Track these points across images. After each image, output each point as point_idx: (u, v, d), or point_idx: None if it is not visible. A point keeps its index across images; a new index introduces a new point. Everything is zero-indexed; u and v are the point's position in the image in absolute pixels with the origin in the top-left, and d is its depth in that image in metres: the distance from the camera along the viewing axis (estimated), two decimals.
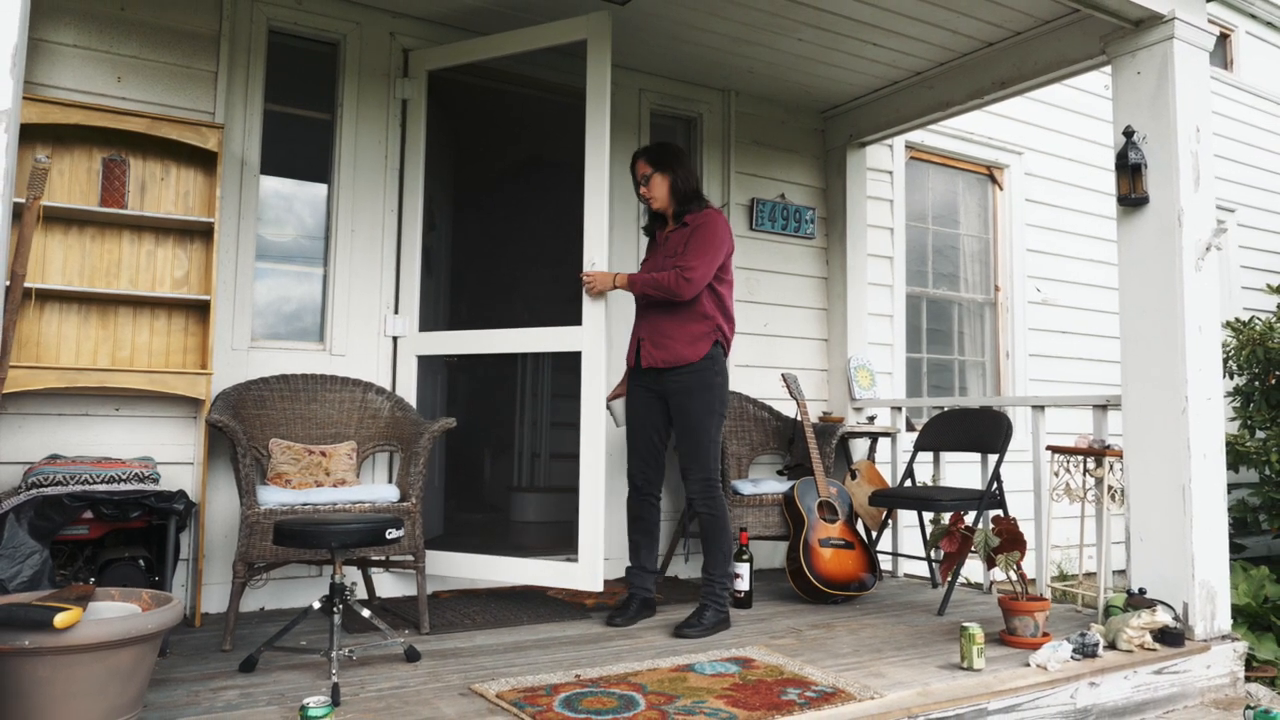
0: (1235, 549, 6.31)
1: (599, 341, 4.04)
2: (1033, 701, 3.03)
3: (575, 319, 4.11)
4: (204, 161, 3.85)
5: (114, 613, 2.33)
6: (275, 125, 4.15)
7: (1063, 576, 5.55)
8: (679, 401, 3.73)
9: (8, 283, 1.73)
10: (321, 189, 4.31)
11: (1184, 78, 3.73)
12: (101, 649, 2.12)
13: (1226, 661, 3.63)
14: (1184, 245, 3.68)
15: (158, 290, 3.77)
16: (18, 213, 2.56)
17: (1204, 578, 3.65)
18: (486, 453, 6.12)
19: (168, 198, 3.82)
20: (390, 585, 4.16)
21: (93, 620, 2.14)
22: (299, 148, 4.31)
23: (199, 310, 3.83)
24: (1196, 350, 3.68)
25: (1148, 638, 3.44)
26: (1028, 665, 3.20)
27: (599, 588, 3.87)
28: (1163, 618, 3.45)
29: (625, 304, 4.67)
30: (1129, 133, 3.80)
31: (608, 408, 4.01)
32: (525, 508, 5.90)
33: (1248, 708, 3.35)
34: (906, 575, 5.02)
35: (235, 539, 3.84)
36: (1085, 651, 3.30)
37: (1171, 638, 3.49)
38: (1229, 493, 6.14)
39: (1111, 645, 3.44)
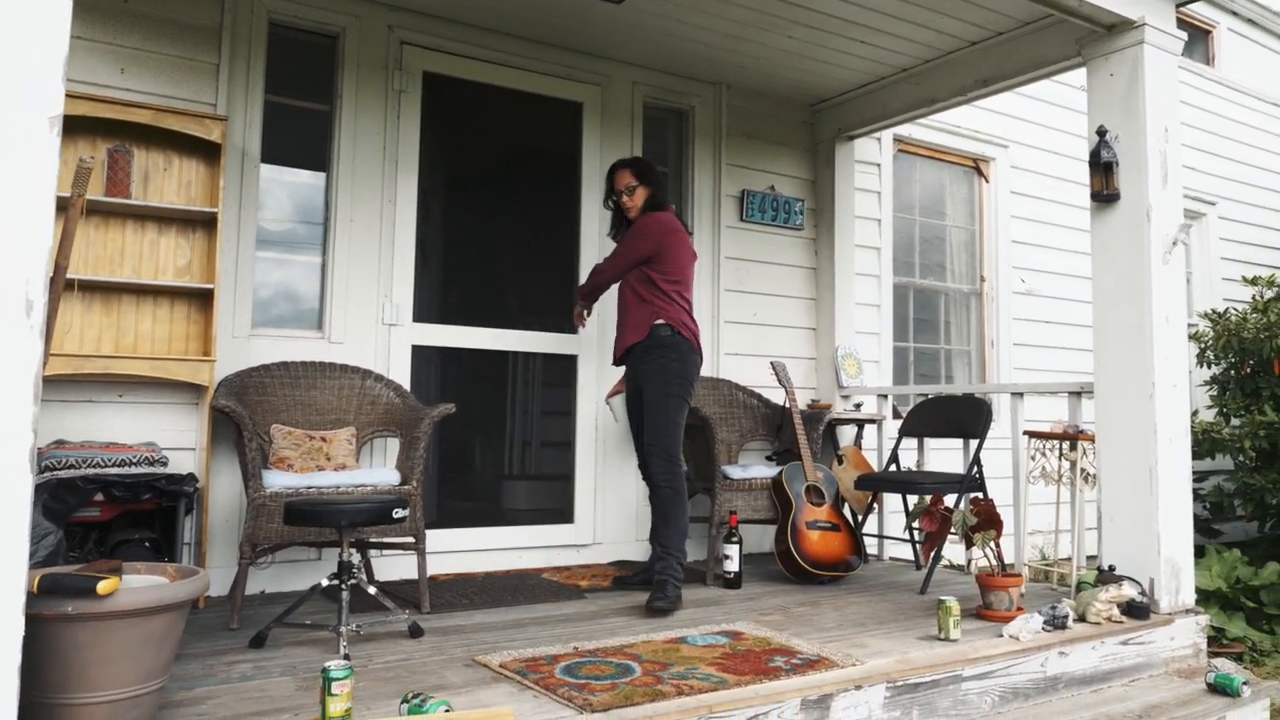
0: (1212, 533, 6.64)
1: (593, 346, 4.36)
2: (1005, 669, 3.30)
3: (564, 314, 4.40)
4: (206, 152, 4.06)
5: (143, 584, 2.55)
6: (275, 116, 4.36)
7: (1043, 559, 5.84)
8: (641, 384, 4.13)
9: (52, 273, 1.95)
10: (321, 179, 4.53)
11: (1153, 80, 4.01)
12: (137, 615, 2.34)
13: (1190, 633, 3.91)
14: (1152, 239, 3.95)
15: (160, 279, 3.98)
16: (61, 207, 2.77)
17: (1169, 554, 3.93)
18: (477, 441, 6.35)
19: (170, 188, 4.03)
20: (388, 569, 4.39)
21: (130, 588, 2.37)
22: (299, 138, 4.53)
23: (200, 298, 4.04)
24: (1164, 339, 3.96)
25: (1115, 611, 3.72)
26: (1001, 636, 3.47)
27: (590, 541, 4.17)
28: (1129, 591, 3.74)
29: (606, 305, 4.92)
30: (1102, 132, 4.06)
31: (608, 404, 4.41)
32: (516, 495, 6.15)
33: (1208, 673, 3.64)
34: (891, 558, 5.29)
35: (236, 523, 4.07)
36: (1056, 623, 3.58)
37: (1138, 611, 3.77)
38: (1206, 479, 6.48)
39: (1081, 618, 3.72)
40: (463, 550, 4.60)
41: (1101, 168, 4.04)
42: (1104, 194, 4.04)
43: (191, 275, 4.04)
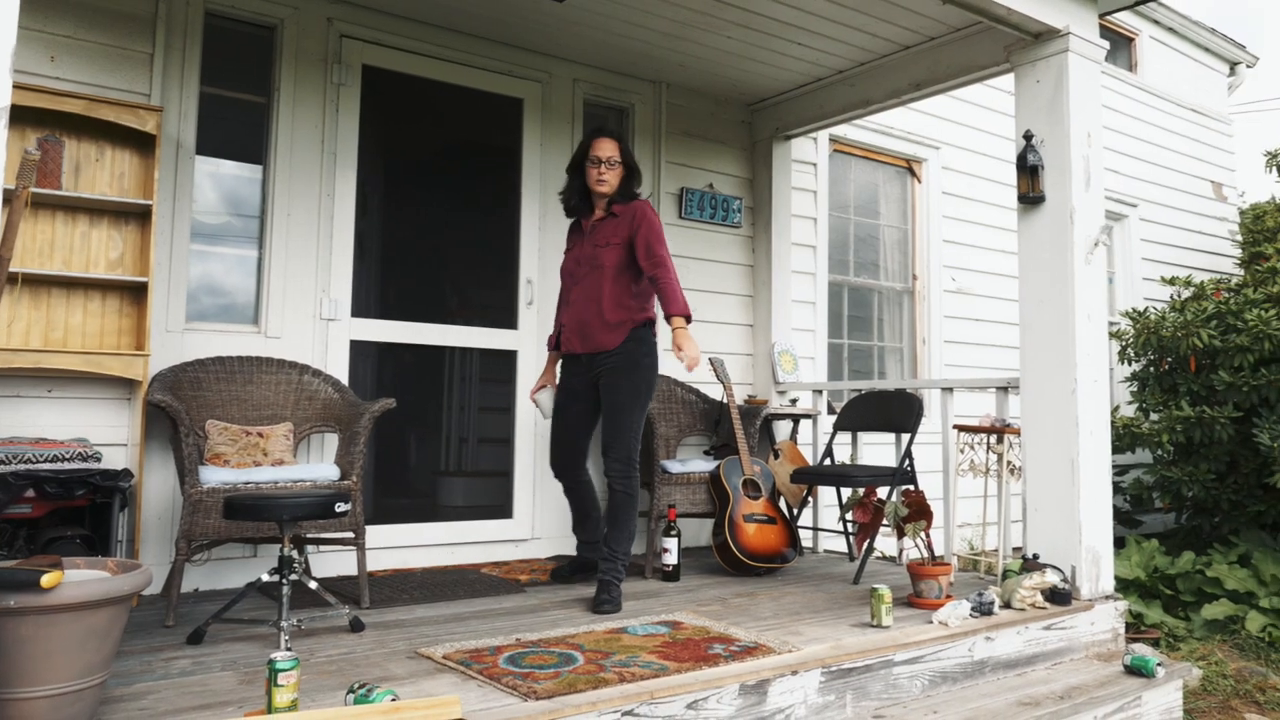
0: (1133, 524, 6.94)
1: (532, 342, 4.42)
2: (934, 654, 3.46)
3: (503, 309, 4.45)
4: (140, 143, 4.03)
5: (85, 578, 2.56)
6: (211, 108, 4.35)
7: (971, 549, 6.05)
8: (609, 380, 4.00)
9: None
10: (257, 172, 4.53)
11: (1078, 87, 4.21)
12: (81, 609, 2.36)
13: (1109, 619, 4.13)
14: (1076, 240, 4.15)
15: (92, 272, 3.94)
16: (7, 199, 2.76)
17: (1090, 543, 4.13)
18: (413, 437, 6.36)
19: (103, 179, 4.00)
20: (325, 566, 4.41)
21: (73, 581, 2.38)
22: (235, 130, 4.52)
23: (133, 292, 4.01)
24: (1086, 336, 4.16)
25: (1039, 597, 3.91)
26: (931, 623, 3.63)
27: (530, 535, 4.26)
28: (1051, 579, 3.93)
29: (547, 300, 5.00)
30: (1028, 136, 4.26)
31: (534, 400, 4.30)
32: (453, 492, 6.17)
33: (1125, 655, 3.85)
34: (826, 551, 5.46)
35: (170, 520, 4.06)
36: (982, 610, 3.75)
37: (1060, 597, 3.97)
38: (1126, 473, 6.77)
39: (1007, 605, 3.90)
40: (401, 546, 4.64)
41: (1028, 171, 4.23)
42: (1030, 196, 4.23)
43: (124, 268, 4.01)
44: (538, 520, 5.04)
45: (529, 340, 5.05)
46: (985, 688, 3.56)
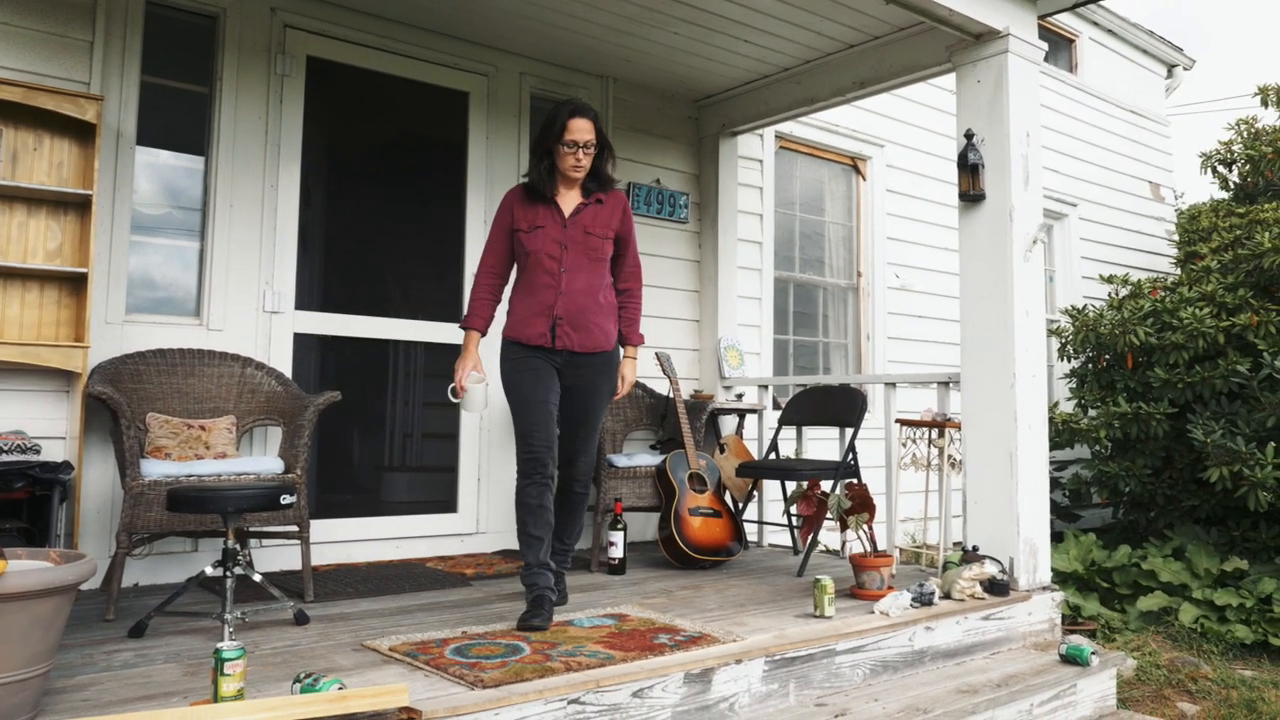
0: (1072, 518, 7.17)
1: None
2: (876, 643, 3.58)
3: (448, 303, 4.49)
4: (79, 132, 4.01)
5: (28, 568, 2.58)
6: (153, 97, 4.34)
7: (914, 543, 6.22)
8: (592, 384, 3.70)
9: None
10: (200, 163, 4.52)
11: (1017, 87, 4.37)
12: (26, 598, 2.38)
13: (1046, 609, 4.29)
14: (1015, 238, 4.31)
15: (30, 262, 3.92)
16: None
17: (1027, 535, 4.29)
18: (356, 432, 6.36)
19: (40, 168, 3.97)
20: (268, 561, 4.43)
21: (16, 571, 2.40)
22: (177, 121, 4.51)
23: (72, 283, 4.00)
24: (1024, 332, 4.32)
25: (978, 588, 4.06)
26: (873, 613, 3.75)
27: (475, 530, 4.31)
28: (990, 569, 4.08)
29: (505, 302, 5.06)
30: (969, 135, 4.41)
31: (459, 392, 3.63)
32: (396, 487, 6.19)
33: (1060, 645, 4.00)
34: (771, 544, 5.58)
35: (109, 514, 4.05)
36: (923, 600, 3.88)
37: (998, 588, 4.12)
38: (1065, 468, 6.98)
39: (947, 595, 4.04)
40: (345, 540, 4.67)
41: (969, 169, 4.38)
42: (970, 194, 4.38)
43: (63, 259, 3.99)
44: (483, 514, 5.10)
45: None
46: (925, 676, 3.69)
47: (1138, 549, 6.14)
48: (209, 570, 3.26)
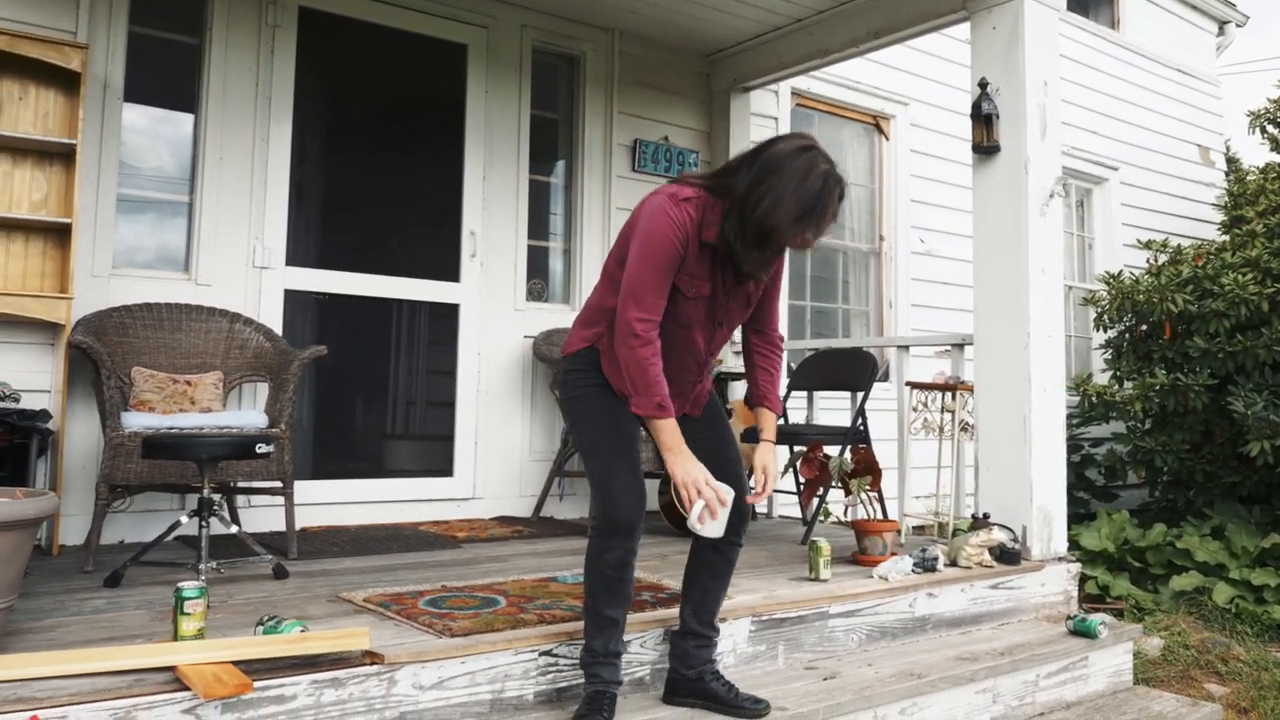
0: (1109, 498, 7.10)
1: (474, 296, 4.49)
2: (873, 608, 3.60)
3: (445, 261, 4.55)
4: (65, 82, 4.11)
5: None
6: (140, 47, 4.44)
7: (930, 513, 6.20)
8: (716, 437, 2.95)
9: None
10: (188, 115, 4.62)
11: (1034, 34, 4.34)
12: None
13: (1061, 580, 4.27)
14: (1030, 191, 4.29)
15: (15, 212, 4.03)
16: None
17: (1041, 502, 4.27)
18: (359, 400, 6.46)
19: (26, 118, 4.08)
20: (256, 522, 4.51)
21: None
22: (166, 72, 4.61)
23: (58, 234, 4.10)
24: (1039, 290, 4.30)
25: (986, 555, 4.05)
26: (871, 577, 3.77)
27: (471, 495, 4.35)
28: (999, 535, 4.07)
29: (503, 261, 5.10)
30: (983, 84, 4.39)
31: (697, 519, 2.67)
32: (399, 456, 6.28)
33: (1068, 618, 3.99)
34: (781, 516, 5.60)
35: (94, 469, 4.16)
36: (925, 566, 3.89)
37: (1009, 557, 4.11)
38: (1100, 445, 6.92)
39: (953, 563, 4.04)
40: (337, 502, 4.75)
41: (982, 120, 4.36)
42: (984, 146, 4.36)
43: (48, 209, 4.10)
44: (479, 479, 5.16)
45: (471, 294, 5.17)
46: (926, 644, 3.69)
47: (1174, 528, 6.08)
48: (184, 519, 3.35)
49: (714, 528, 2.65)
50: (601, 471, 2.74)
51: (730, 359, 5.84)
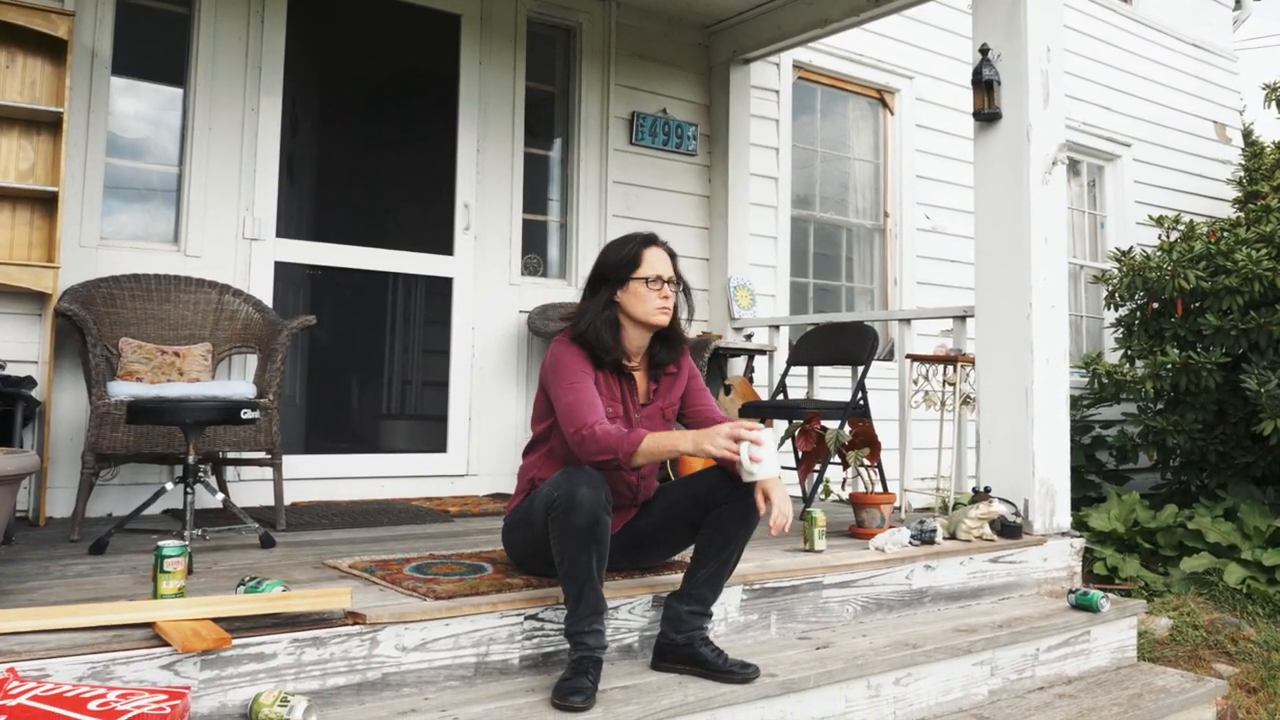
0: (1119, 480, 7.09)
1: (468, 270, 4.49)
2: (868, 579, 3.61)
3: (439, 235, 4.57)
4: (52, 50, 4.15)
5: None
6: (129, 16, 4.48)
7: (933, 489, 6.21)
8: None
9: None
10: (177, 85, 4.66)
11: None
12: None
13: (1063, 556, 4.27)
14: (1032, 159, 4.29)
15: (2, 180, 4.07)
16: None
17: (1044, 476, 4.27)
18: (351, 375, 6.52)
19: (13, 86, 4.12)
20: (247, 497, 4.54)
21: None
22: (155, 41, 4.65)
23: (45, 204, 4.15)
24: (1041, 259, 4.30)
25: (986, 529, 4.06)
26: (867, 549, 3.78)
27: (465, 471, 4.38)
28: (999, 508, 4.08)
29: (498, 234, 5.12)
30: (984, 50, 4.39)
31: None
32: (396, 440, 6.34)
33: (1070, 592, 4.00)
34: None
35: (81, 441, 4.19)
36: (923, 538, 3.90)
37: (1010, 530, 4.11)
38: (1111, 427, 6.91)
39: (952, 536, 4.05)
40: (328, 478, 4.79)
41: (983, 86, 4.36)
42: (985, 113, 4.37)
43: (35, 179, 4.14)
44: (474, 456, 5.20)
45: (465, 267, 5.20)
46: (924, 616, 3.70)
47: (1185, 509, 6.08)
48: (169, 485, 3.39)
49: (766, 467, 2.75)
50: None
51: (730, 334, 5.87)
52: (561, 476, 2.76)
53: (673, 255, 3.07)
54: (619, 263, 3.00)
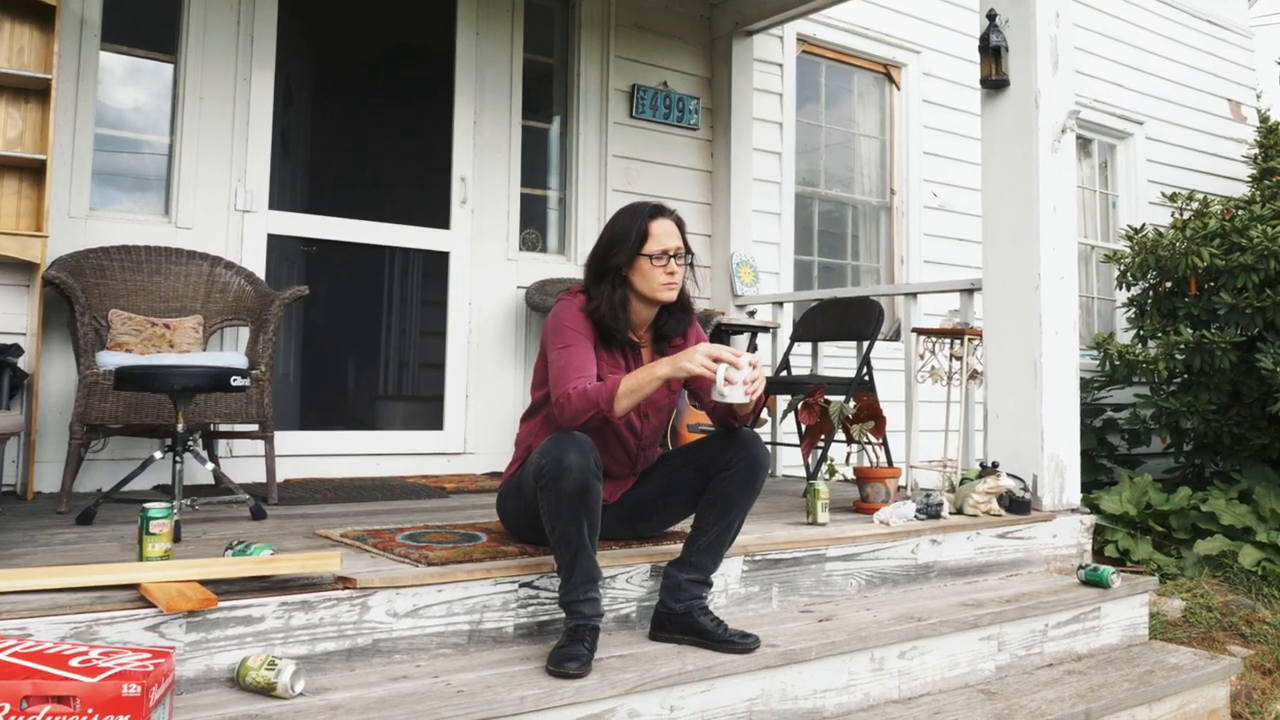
0: (1132, 464, 7.06)
1: (465, 244, 4.45)
2: (873, 552, 3.59)
3: (435, 208, 4.55)
4: (41, 17, 4.14)
5: None
6: None
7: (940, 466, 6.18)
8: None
9: None
10: (169, 53, 4.64)
11: None
12: None
13: (1073, 532, 4.25)
14: (1040, 126, 4.25)
15: None
16: None
17: (1053, 451, 4.25)
18: (346, 350, 6.51)
19: (0, 53, 4.11)
20: (240, 473, 4.52)
21: None
22: (145, 9, 4.63)
23: (33, 173, 4.13)
24: (1050, 230, 4.26)
25: (994, 504, 4.03)
26: (871, 522, 3.76)
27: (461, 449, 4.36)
28: (1007, 482, 4.05)
29: (495, 208, 5.11)
30: (992, 16, 4.35)
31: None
32: (392, 417, 6.32)
33: (1080, 568, 3.97)
34: (785, 474, 5.59)
35: (70, 414, 4.19)
36: (929, 512, 3.87)
37: (1018, 506, 4.09)
38: (1123, 409, 6.87)
39: (959, 511, 4.02)
40: (322, 454, 4.78)
41: (991, 52, 4.33)
42: (993, 80, 4.33)
43: (23, 147, 4.13)
44: (470, 433, 5.18)
45: (462, 242, 5.18)
46: (929, 591, 3.68)
47: (1199, 491, 6.04)
48: (158, 455, 3.37)
49: (739, 390, 2.73)
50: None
51: (733, 311, 5.85)
52: (550, 443, 2.73)
53: (680, 224, 3.05)
54: (626, 237, 2.97)
